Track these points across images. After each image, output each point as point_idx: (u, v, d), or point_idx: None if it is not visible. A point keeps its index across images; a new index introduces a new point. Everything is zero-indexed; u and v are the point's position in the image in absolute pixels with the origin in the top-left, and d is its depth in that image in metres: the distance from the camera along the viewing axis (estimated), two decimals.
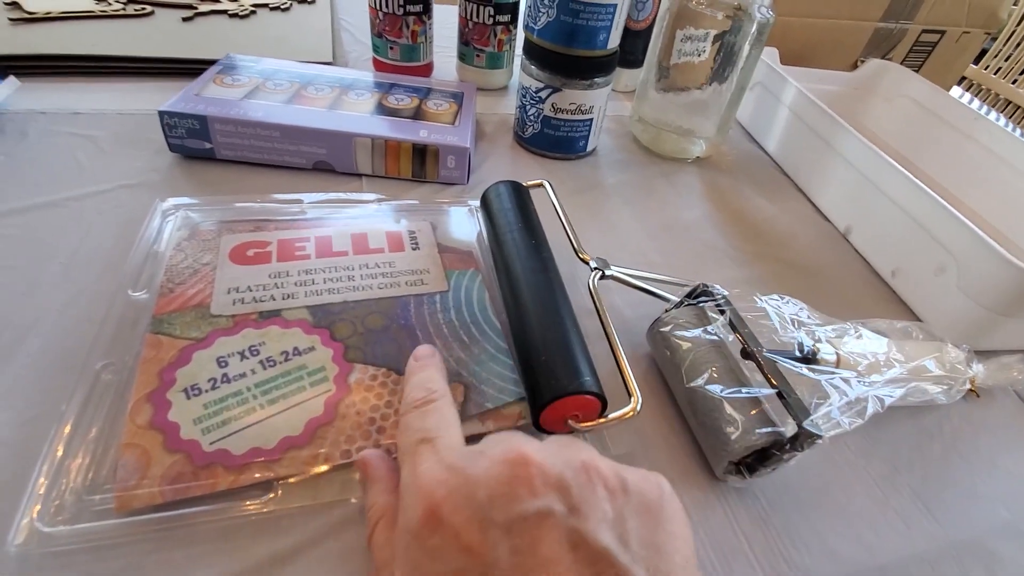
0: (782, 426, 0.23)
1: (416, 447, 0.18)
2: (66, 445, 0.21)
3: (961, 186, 0.49)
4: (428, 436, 0.19)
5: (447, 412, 0.20)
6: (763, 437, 0.22)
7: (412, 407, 0.20)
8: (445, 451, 0.18)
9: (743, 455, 0.23)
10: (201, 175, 0.37)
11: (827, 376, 0.25)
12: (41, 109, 0.41)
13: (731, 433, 0.23)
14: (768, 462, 0.23)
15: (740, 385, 0.24)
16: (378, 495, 0.20)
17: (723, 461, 0.23)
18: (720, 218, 0.42)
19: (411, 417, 0.20)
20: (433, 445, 0.18)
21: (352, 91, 0.42)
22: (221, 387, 0.23)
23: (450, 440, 0.19)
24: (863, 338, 0.28)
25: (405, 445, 0.19)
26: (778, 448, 0.22)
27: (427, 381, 0.22)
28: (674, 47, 0.43)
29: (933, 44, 0.62)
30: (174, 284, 0.27)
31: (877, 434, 0.27)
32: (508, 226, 0.30)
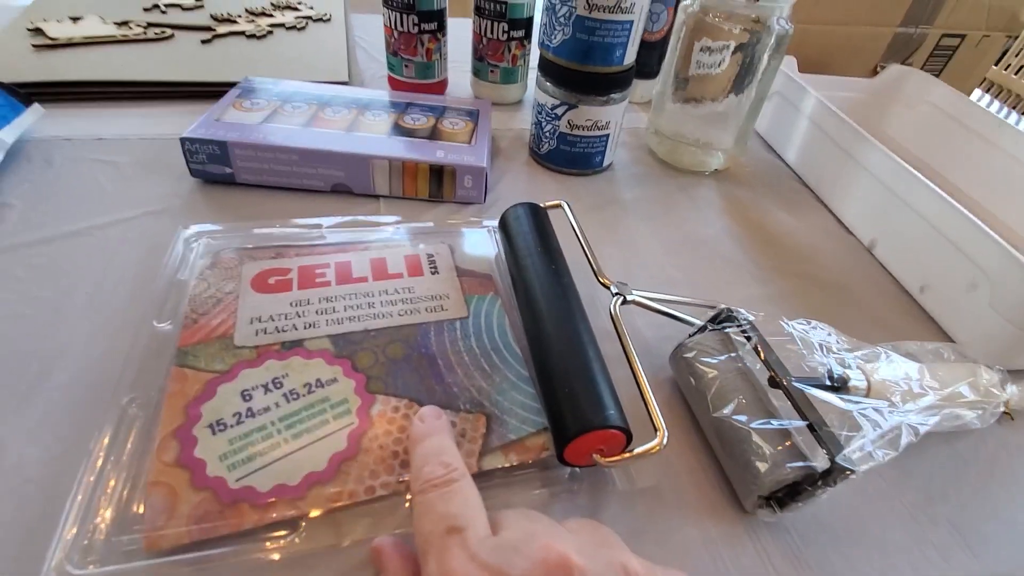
0: (813, 460, 0.22)
1: (444, 539, 0.17)
2: (94, 484, 0.21)
3: (987, 195, 0.48)
4: (456, 525, 0.17)
5: (471, 495, 0.19)
6: (794, 472, 0.22)
7: (431, 486, 0.19)
8: (477, 546, 0.17)
9: (773, 489, 0.22)
10: (222, 200, 0.37)
11: (858, 406, 0.24)
12: (66, 136, 0.41)
13: (760, 467, 0.22)
14: (799, 497, 0.22)
15: (768, 415, 0.24)
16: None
17: (752, 495, 0.23)
18: (740, 233, 0.42)
19: (432, 499, 0.19)
20: (462, 537, 0.17)
21: (369, 111, 0.42)
22: (246, 422, 0.23)
23: (479, 530, 0.17)
24: (894, 363, 0.27)
25: (428, 534, 0.18)
26: (810, 483, 0.22)
27: (441, 453, 0.20)
28: (692, 58, 0.43)
29: (953, 48, 0.61)
30: (198, 315, 0.27)
31: (909, 462, 0.27)
32: (527, 250, 0.30)
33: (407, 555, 0.20)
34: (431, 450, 0.21)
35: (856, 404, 0.24)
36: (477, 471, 0.23)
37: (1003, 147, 0.48)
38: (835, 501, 0.25)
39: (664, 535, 0.23)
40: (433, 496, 0.19)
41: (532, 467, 0.24)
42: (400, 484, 0.22)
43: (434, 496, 0.19)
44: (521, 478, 0.24)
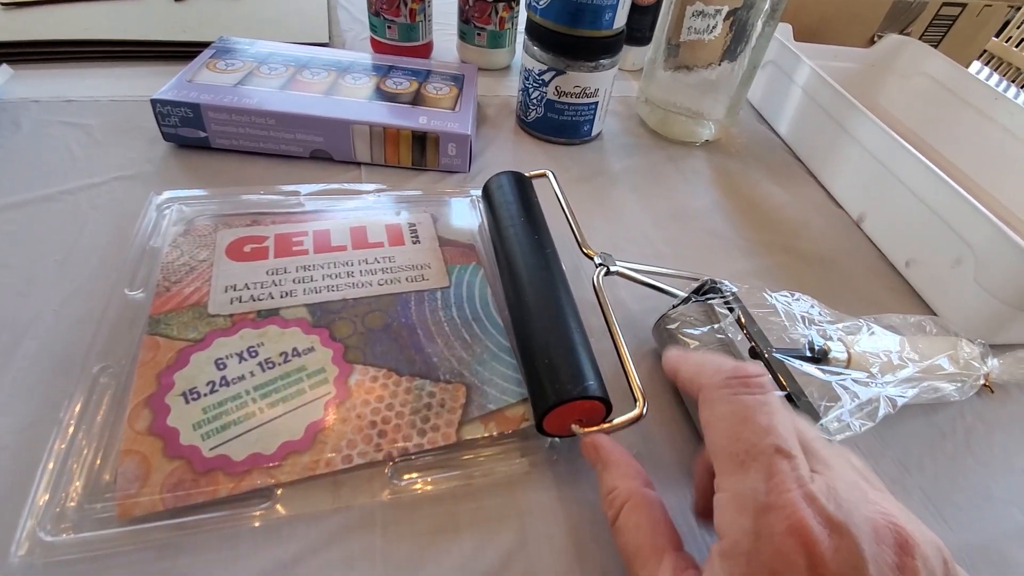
0: None
1: (773, 458, 0.15)
2: (66, 452, 0.21)
3: (980, 170, 0.48)
4: (785, 448, 0.16)
5: (790, 419, 0.17)
6: None
7: (743, 385, 0.17)
8: (812, 485, 0.15)
9: None
10: (196, 165, 0.36)
11: (838, 377, 0.24)
12: (34, 98, 0.40)
13: None
14: None
15: None
16: (618, 479, 0.20)
17: None
18: (729, 206, 0.41)
19: (750, 403, 0.17)
20: (793, 464, 0.15)
21: (349, 74, 0.41)
22: (220, 390, 0.23)
23: (806, 464, 0.16)
24: (875, 335, 0.27)
25: (751, 445, 0.16)
26: None
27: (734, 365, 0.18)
28: (684, 24, 0.42)
29: (954, 17, 0.59)
30: (170, 283, 0.27)
31: (887, 433, 0.27)
32: (510, 220, 0.30)
33: (624, 452, 0.21)
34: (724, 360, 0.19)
35: (836, 375, 0.24)
36: (455, 440, 0.23)
37: (999, 121, 0.47)
38: None
39: None
40: (750, 401, 0.17)
41: (512, 437, 0.24)
42: (378, 453, 0.22)
43: (752, 402, 0.17)
44: (501, 448, 0.24)
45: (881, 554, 0.14)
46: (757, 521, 0.15)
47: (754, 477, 0.15)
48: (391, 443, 0.22)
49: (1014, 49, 1.04)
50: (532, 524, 0.22)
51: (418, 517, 0.21)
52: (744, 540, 0.15)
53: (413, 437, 0.23)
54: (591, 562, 0.21)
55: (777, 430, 0.16)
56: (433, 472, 0.23)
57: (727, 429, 0.17)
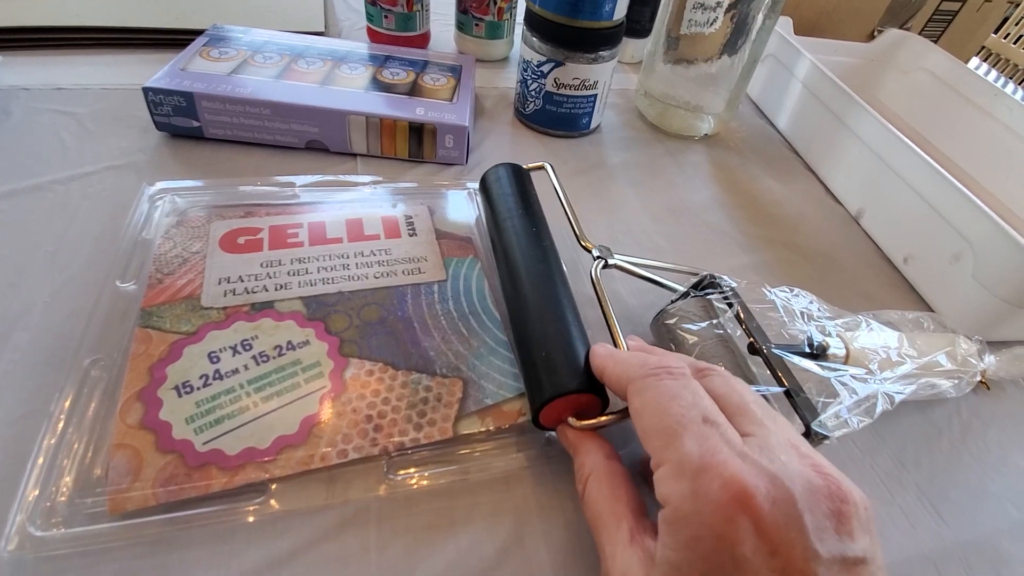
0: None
1: (701, 426, 0.16)
2: (56, 446, 0.20)
3: (979, 166, 0.48)
4: (711, 418, 0.17)
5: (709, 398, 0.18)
6: None
7: (666, 373, 0.18)
8: (740, 443, 0.16)
9: None
10: (189, 155, 0.36)
11: (836, 373, 0.24)
12: (24, 85, 0.39)
13: None
14: None
15: (748, 382, 0.24)
16: (584, 456, 0.20)
17: None
18: (728, 200, 0.41)
19: (673, 386, 0.18)
20: (720, 431, 0.16)
21: (345, 64, 0.40)
22: (213, 384, 0.23)
23: (733, 431, 0.17)
24: (874, 331, 0.27)
25: (680, 416, 0.17)
26: None
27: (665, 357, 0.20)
28: (684, 16, 0.41)
29: (953, 13, 0.59)
30: (163, 274, 0.26)
31: (884, 429, 0.27)
32: (508, 212, 0.29)
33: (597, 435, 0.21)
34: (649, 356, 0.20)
35: (834, 371, 0.24)
36: (452, 435, 0.23)
37: (998, 117, 0.47)
38: None
39: None
40: (675, 384, 0.18)
41: (508, 432, 0.24)
42: (373, 447, 0.22)
43: (676, 384, 0.18)
44: (497, 443, 0.23)
45: (816, 503, 0.15)
46: (694, 483, 0.15)
47: (688, 444, 0.16)
48: (387, 437, 0.22)
49: (1012, 46, 1.04)
50: (528, 519, 0.22)
51: (414, 512, 0.21)
52: (684, 504, 0.15)
53: (409, 432, 0.23)
54: (587, 557, 0.21)
55: (702, 403, 0.17)
56: (429, 467, 0.22)
57: (656, 410, 0.18)
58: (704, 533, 0.15)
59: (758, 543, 0.14)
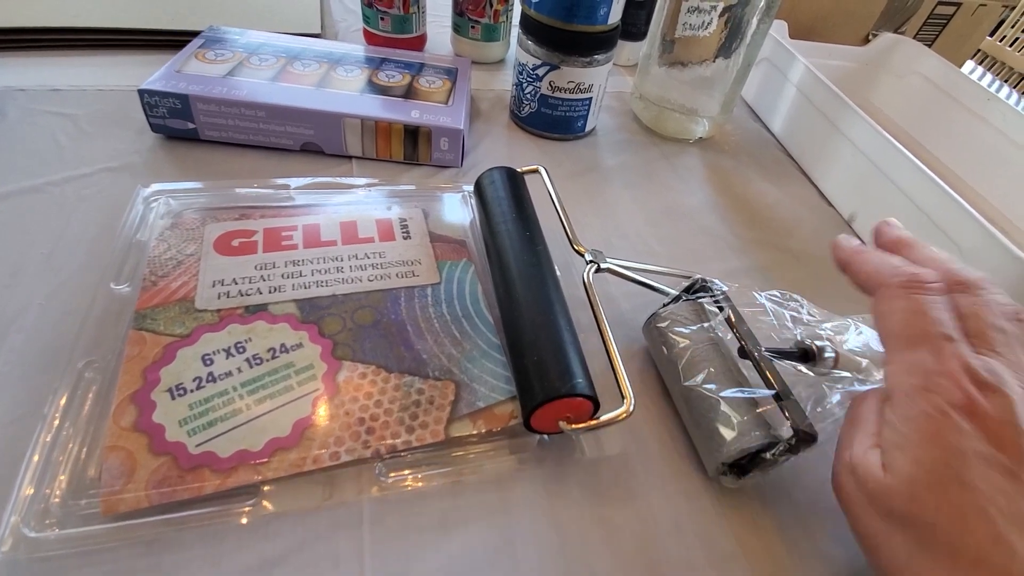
0: (778, 429, 0.22)
1: (940, 342, 0.18)
2: (50, 447, 0.20)
3: (971, 171, 0.48)
4: (951, 335, 0.19)
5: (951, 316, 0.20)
6: (759, 440, 0.22)
7: (920, 287, 0.20)
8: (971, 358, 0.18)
9: (737, 457, 0.23)
10: (184, 157, 0.36)
11: (826, 377, 0.24)
12: (20, 86, 0.39)
13: (727, 434, 0.22)
14: (763, 465, 0.22)
15: (738, 385, 0.24)
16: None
17: (716, 461, 0.23)
18: (722, 203, 0.41)
19: (925, 301, 0.20)
20: (957, 348, 0.18)
21: (341, 67, 0.40)
22: (207, 386, 0.23)
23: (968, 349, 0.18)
24: (863, 334, 0.27)
25: (924, 331, 0.19)
26: (773, 451, 0.22)
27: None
28: (679, 20, 0.41)
29: (948, 17, 0.60)
30: (157, 277, 0.27)
31: None
32: (502, 216, 0.29)
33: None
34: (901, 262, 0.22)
35: (824, 375, 0.24)
36: (444, 438, 0.23)
37: (992, 122, 0.47)
38: (797, 470, 0.25)
39: (628, 500, 0.23)
40: (926, 299, 0.20)
41: (500, 435, 0.24)
42: (366, 450, 0.22)
43: (926, 300, 0.20)
44: (489, 446, 0.24)
45: None
46: (926, 380, 0.18)
47: (923, 352, 0.19)
48: (379, 440, 0.22)
49: (1008, 48, 1.04)
50: (520, 522, 0.22)
51: (406, 514, 0.21)
52: (914, 392, 0.18)
53: (401, 434, 0.23)
54: (578, 560, 0.21)
55: (946, 322, 0.19)
56: (421, 469, 0.23)
57: (903, 318, 0.20)
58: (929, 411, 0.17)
59: (979, 436, 0.16)
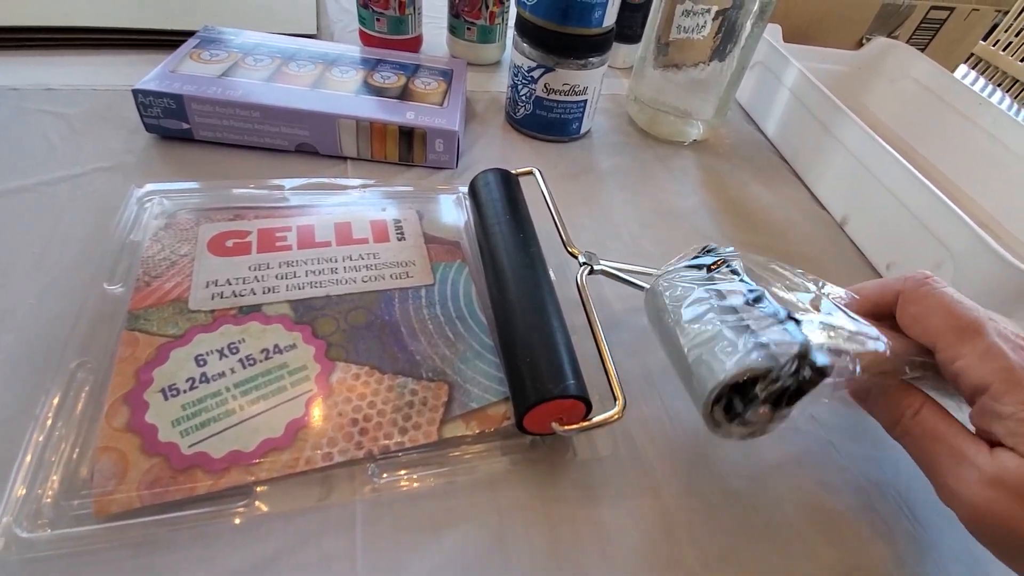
0: (781, 346, 0.20)
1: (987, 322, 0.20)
2: (42, 447, 0.20)
3: (963, 174, 0.48)
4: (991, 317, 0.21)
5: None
6: (760, 361, 0.20)
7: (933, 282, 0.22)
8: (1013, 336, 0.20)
9: (733, 380, 0.20)
10: (179, 157, 0.36)
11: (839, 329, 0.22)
12: (12, 85, 0.39)
13: (722, 359, 0.20)
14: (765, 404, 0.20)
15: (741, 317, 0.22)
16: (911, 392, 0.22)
17: (709, 393, 0.21)
18: (716, 206, 0.41)
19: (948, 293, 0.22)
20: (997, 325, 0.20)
21: (336, 67, 0.40)
22: (200, 387, 0.23)
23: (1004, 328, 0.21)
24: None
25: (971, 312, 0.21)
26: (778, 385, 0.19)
27: None
28: (673, 22, 0.42)
29: (942, 21, 0.60)
30: (151, 277, 0.27)
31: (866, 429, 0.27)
32: (496, 218, 0.30)
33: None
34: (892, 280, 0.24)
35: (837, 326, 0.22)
36: (437, 439, 0.23)
37: (983, 126, 0.48)
38: (787, 471, 0.25)
39: (619, 501, 0.23)
40: (948, 291, 0.22)
41: (493, 436, 0.24)
42: (359, 451, 0.22)
43: (949, 292, 0.22)
44: (482, 447, 0.24)
45: None
46: (1006, 361, 0.19)
47: (991, 336, 0.20)
48: (372, 441, 0.23)
49: (1001, 53, 1.05)
50: (511, 522, 0.22)
51: (398, 515, 0.22)
52: (1009, 374, 0.19)
53: (395, 435, 0.23)
54: (569, 560, 0.21)
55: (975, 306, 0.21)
56: (414, 470, 0.23)
57: (945, 312, 0.21)
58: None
59: None
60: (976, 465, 0.19)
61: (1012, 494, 0.17)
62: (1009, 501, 0.18)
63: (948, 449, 0.20)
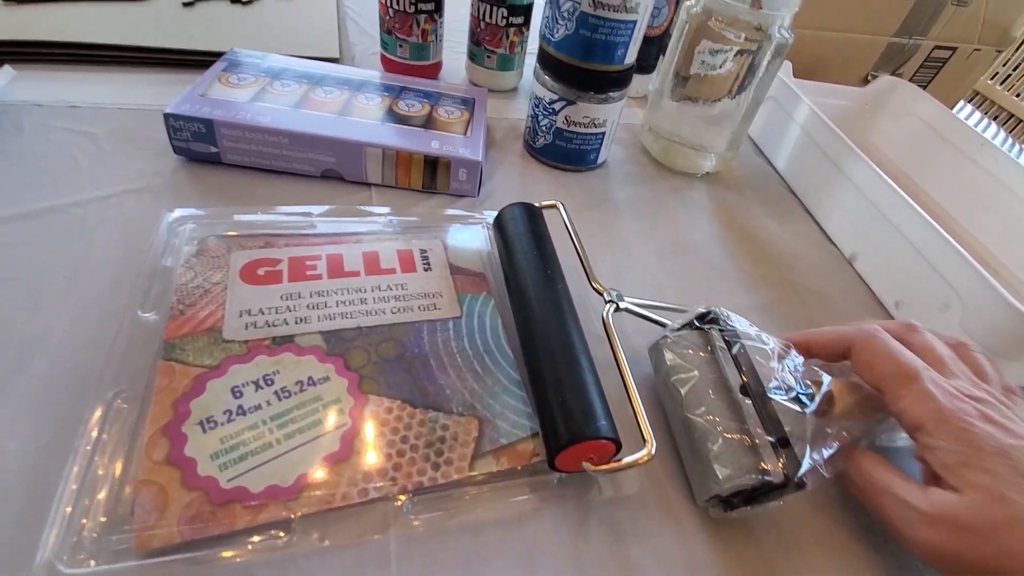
0: (773, 471, 0.23)
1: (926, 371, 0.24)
2: (82, 480, 0.21)
3: (965, 212, 0.50)
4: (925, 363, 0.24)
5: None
6: (751, 481, 0.23)
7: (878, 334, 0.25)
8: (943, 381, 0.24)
9: (730, 493, 0.23)
10: (206, 180, 0.36)
11: (820, 419, 0.25)
12: (37, 101, 0.39)
13: (721, 472, 0.23)
14: (753, 503, 0.23)
15: (738, 421, 0.25)
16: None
17: (708, 494, 0.24)
18: (728, 238, 0.42)
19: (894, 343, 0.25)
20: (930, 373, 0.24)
21: (362, 94, 0.41)
22: (237, 420, 0.23)
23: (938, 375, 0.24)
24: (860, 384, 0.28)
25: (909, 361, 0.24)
26: (765, 491, 0.23)
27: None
28: (696, 58, 0.43)
29: (944, 60, 0.62)
30: (184, 305, 0.27)
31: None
32: (523, 254, 0.30)
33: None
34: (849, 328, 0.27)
35: (822, 418, 0.25)
36: (469, 475, 0.23)
37: (985, 166, 0.49)
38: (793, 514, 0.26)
39: (646, 539, 0.24)
40: (892, 342, 0.25)
41: (522, 472, 0.25)
42: (393, 486, 0.23)
43: (892, 342, 0.25)
44: (511, 483, 0.24)
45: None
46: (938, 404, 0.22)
47: (921, 382, 0.23)
48: (406, 477, 0.23)
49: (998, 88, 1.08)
50: (542, 561, 0.22)
51: (431, 551, 0.22)
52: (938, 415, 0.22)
53: (427, 471, 0.23)
54: None
55: (914, 357, 0.24)
56: (447, 506, 0.23)
57: (888, 360, 0.24)
58: (954, 429, 0.21)
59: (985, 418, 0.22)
60: (915, 508, 0.22)
61: (950, 529, 0.20)
62: (949, 535, 0.20)
63: (889, 496, 0.23)
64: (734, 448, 0.24)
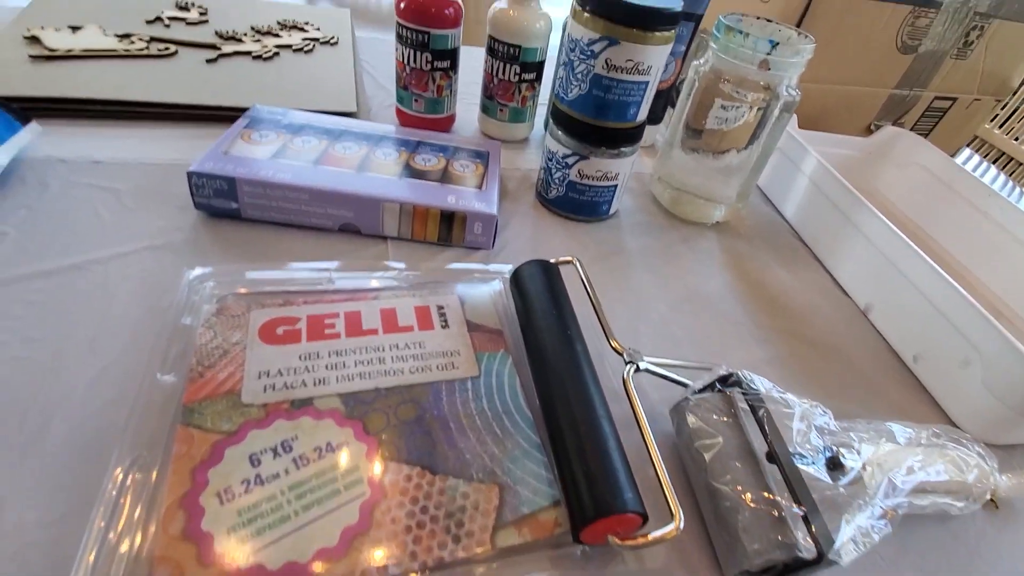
0: (803, 546, 0.22)
1: None
2: (98, 552, 0.20)
3: (975, 262, 0.50)
4: None
5: None
6: (781, 556, 0.22)
7: None
8: None
9: (759, 568, 0.23)
10: (225, 235, 0.37)
11: (852, 489, 0.24)
12: (61, 157, 0.40)
13: (750, 546, 0.23)
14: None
15: (765, 489, 0.24)
16: None
17: (737, 568, 0.23)
18: (740, 289, 0.42)
19: None
20: None
21: (379, 149, 0.42)
22: (255, 490, 0.23)
23: None
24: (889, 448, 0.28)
25: None
26: (795, 566, 0.22)
27: None
28: (711, 113, 0.43)
29: (944, 110, 0.63)
30: (204, 367, 0.27)
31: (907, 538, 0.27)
32: (542, 314, 0.30)
33: None
34: None
35: (850, 487, 0.24)
36: (490, 549, 0.23)
37: (991, 215, 0.50)
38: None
39: None
40: None
41: (544, 544, 0.24)
42: (413, 561, 0.22)
43: None
44: (533, 556, 0.24)
45: None
46: None
47: None
48: (426, 552, 0.22)
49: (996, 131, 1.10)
50: None
51: None
52: None
53: (448, 544, 0.23)
54: None
55: None
56: None
57: None
58: None
59: None
60: None
61: None
62: None
63: None
64: (762, 520, 0.23)
